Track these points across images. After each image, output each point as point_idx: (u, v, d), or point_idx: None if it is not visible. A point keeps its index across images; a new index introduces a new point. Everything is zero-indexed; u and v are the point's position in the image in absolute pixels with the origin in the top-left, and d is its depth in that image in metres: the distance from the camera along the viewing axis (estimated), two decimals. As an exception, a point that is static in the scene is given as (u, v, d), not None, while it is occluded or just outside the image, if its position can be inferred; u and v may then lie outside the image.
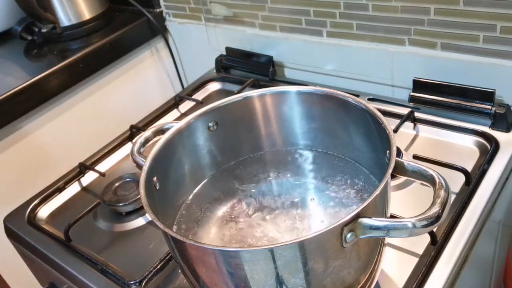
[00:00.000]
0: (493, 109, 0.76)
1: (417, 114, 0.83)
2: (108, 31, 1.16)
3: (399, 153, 0.75)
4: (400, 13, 0.83)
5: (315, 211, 0.61)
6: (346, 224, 0.45)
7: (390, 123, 0.54)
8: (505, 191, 0.73)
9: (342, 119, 0.62)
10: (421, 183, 0.51)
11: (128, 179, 0.82)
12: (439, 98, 0.82)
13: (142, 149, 0.63)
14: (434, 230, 0.62)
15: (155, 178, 0.57)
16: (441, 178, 0.47)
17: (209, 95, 1.08)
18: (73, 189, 0.88)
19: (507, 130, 0.76)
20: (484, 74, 0.79)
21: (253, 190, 0.65)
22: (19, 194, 0.87)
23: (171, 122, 0.64)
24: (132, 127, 0.97)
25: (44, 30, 1.13)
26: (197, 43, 1.20)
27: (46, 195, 0.86)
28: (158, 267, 0.67)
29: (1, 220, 0.85)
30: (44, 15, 1.11)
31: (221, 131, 0.66)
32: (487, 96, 0.77)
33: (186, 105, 1.04)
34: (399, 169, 0.51)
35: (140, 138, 0.64)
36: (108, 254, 0.73)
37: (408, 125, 0.82)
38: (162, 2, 1.21)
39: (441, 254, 0.61)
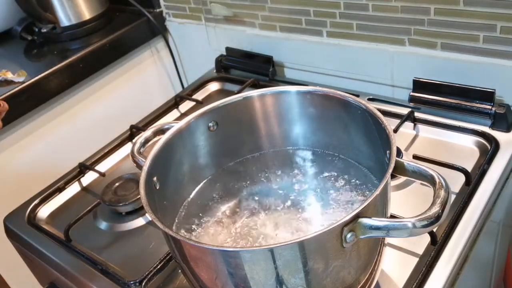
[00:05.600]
0: (493, 109, 0.76)
1: (417, 114, 0.83)
2: (108, 31, 1.16)
3: (399, 153, 0.75)
4: (400, 13, 0.83)
5: (315, 211, 0.61)
6: (346, 224, 0.45)
7: (390, 123, 0.54)
8: (505, 191, 0.73)
9: (342, 119, 0.62)
10: (421, 183, 0.51)
11: (128, 179, 0.82)
12: (439, 98, 0.82)
13: (142, 149, 0.63)
14: (434, 230, 0.62)
15: (155, 178, 0.57)
16: (441, 178, 0.47)
17: (209, 95, 1.08)
18: (73, 189, 0.88)
19: (507, 130, 0.76)
20: (484, 74, 0.79)
21: (253, 190, 0.65)
22: (19, 194, 0.87)
23: (171, 122, 0.64)
24: (132, 127, 0.97)
25: (44, 30, 1.13)
26: (197, 43, 1.20)
27: (46, 195, 0.86)
28: (158, 267, 0.67)
29: (1, 220, 0.85)
30: (44, 15, 1.11)
31: (221, 131, 0.66)
32: (487, 96, 0.77)
33: (186, 105, 1.04)
34: (399, 169, 0.51)
35: (140, 138, 0.64)
36: (108, 254, 0.73)
37: (408, 125, 0.82)
38: (162, 2, 1.21)
39: (441, 254, 0.61)
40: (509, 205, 0.78)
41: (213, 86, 1.10)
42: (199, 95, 1.07)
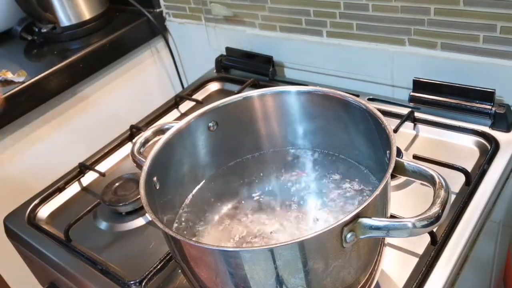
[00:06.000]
0: (493, 109, 0.76)
1: (417, 114, 0.83)
2: (108, 31, 1.16)
3: (399, 153, 0.75)
4: (400, 13, 0.83)
5: (315, 211, 0.61)
6: (346, 224, 0.45)
7: (390, 123, 0.54)
8: (505, 191, 0.73)
9: (342, 119, 0.62)
10: (421, 183, 0.51)
11: (128, 179, 0.82)
12: (439, 98, 0.82)
13: (142, 149, 0.63)
14: (434, 230, 0.62)
15: (155, 178, 0.57)
16: (441, 178, 0.47)
17: (209, 95, 1.08)
18: (73, 189, 0.88)
19: (507, 130, 0.76)
20: (484, 74, 0.79)
21: (253, 190, 0.65)
22: (19, 194, 0.87)
23: (171, 122, 0.64)
24: (132, 127, 0.97)
25: (44, 30, 1.13)
26: (197, 43, 1.20)
27: (46, 195, 0.86)
28: (158, 267, 0.67)
29: (1, 220, 0.85)
30: (44, 15, 1.11)
31: (221, 131, 0.66)
32: (487, 96, 0.77)
33: (186, 105, 1.04)
34: (399, 169, 0.51)
35: (140, 138, 0.64)
36: (108, 254, 0.73)
37: (408, 125, 0.82)
38: (162, 2, 1.21)
39: (441, 254, 0.61)
40: (509, 205, 0.78)
41: (213, 86, 1.10)
42: (199, 95, 1.07)
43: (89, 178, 0.90)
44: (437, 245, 0.61)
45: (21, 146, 1.02)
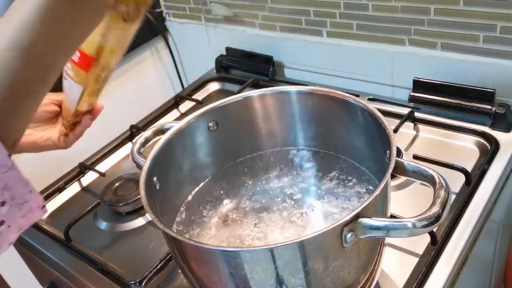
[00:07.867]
0: (493, 109, 0.76)
1: (417, 114, 0.83)
2: (108, 31, 1.15)
3: (399, 153, 0.75)
4: (400, 13, 0.83)
5: (315, 211, 0.61)
6: (346, 224, 0.45)
7: (390, 123, 0.54)
8: (505, 191, 0.73)
9: (342, 119, 0.62)
10: (421, 183, 0.51)
11: (128, 179, 0.82)
12: (439, 98, 0.82)
13: (142, 149, 0.63)
14: (434, 230, 0.62)
15: (155, 178, 0.57)
16: (441, 178, 0.47)
17: (209, 95, 1.08)
18: (73, 189, 0.88)
19: (507, 130, 0.76)
20: (484, 74, 0.79)
21: (253, 190, 0.65)
22: (19, 194, 0.87)
23: (171, 122, 0.64)
24: (132, 127, 0.97)
25: (44, 30, 1.13)
26: (197, 43, 1.20)
27: (46, 195, 0.86)
28: (158, 267, 0.67)
29: (1, 220, 0.85)
30: (44, 15, 1.11)
31: (221, 131, 0.66)
32: (487, 96, 0.77)
33: (186, 105, 1.04)
34: (399, 169, 0.51)
35: (140, 138, 0.64)
36: (108, 254, 0.73)
37: (408, 125, 0.82)
38: (162, 2, 1.21)
39: (441, 254, 0.61)
40: (509, 205, 0.78)
41: (213, 86, 1.10)
42: (199, 95, 1.07)
43: (89, 178, 0.90)
44: (437, 245, 0.61)
45: (21, 146, 1.02)
